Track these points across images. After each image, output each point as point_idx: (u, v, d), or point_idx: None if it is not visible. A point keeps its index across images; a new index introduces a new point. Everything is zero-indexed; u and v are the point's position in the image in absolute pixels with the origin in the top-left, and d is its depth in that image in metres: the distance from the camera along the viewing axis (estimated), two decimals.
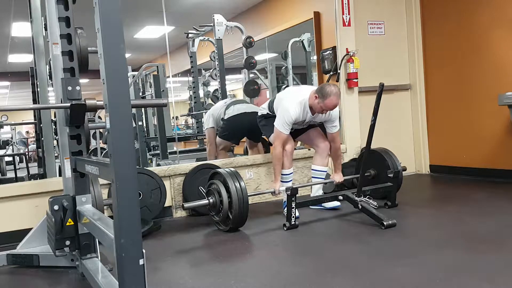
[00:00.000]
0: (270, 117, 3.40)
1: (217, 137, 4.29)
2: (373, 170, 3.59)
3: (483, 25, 4.16)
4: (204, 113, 6.08)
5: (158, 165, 4.94)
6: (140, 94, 6.39)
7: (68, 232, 2.24)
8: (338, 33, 4.39)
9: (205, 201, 3.03)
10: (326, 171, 3.53)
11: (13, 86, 12.35)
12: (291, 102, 3.22)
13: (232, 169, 3.08)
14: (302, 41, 5.74)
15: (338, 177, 3.49)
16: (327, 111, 3.17)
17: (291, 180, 3.40)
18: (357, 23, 4.48)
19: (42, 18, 3.51)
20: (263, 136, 3.98)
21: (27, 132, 12.40)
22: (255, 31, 5.89)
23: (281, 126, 3.21)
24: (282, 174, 3.35)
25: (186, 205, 2.99)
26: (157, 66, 5.93)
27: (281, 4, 5.92)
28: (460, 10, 4.36)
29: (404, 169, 3.55)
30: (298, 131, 3.52)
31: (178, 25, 6.84)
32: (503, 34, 4.00)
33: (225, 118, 4.16)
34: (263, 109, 3.57)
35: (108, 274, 1.99)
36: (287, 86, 6.05)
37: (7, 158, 8.04)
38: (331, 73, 4.47)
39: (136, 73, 6.37)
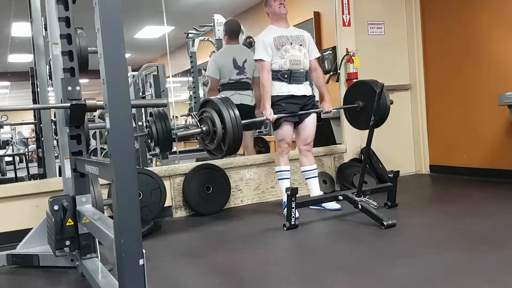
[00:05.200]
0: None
1: None
2: (361, 102, 3.44)
3: (483, 25, 4.16)
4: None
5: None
6: (140, 94, 6.39)
7: (68, 232, 2.24)
8: (338, 33, 4.39)
9: (198, 130, 3.02)
10: (316, 169, 3.50)
11: (13, 86, 12.36)
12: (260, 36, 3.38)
13: (224, 96, 3.07)
14: None
15: (327, 106, 3.45)
16: (284, 10, 3.33)
17: (289, 178, 3.39)
18: (357, 23, 4.48)
19: (42, 18, 3.52)
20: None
21: (32, 130, 12.29)
22: (255, 31, 5.89)
23: (259, 54, 3.26)
24: (279, 171, 3.36)
25: (180, 133, 3.13)
26: (157, 66, 5.93)
27: None
28: (460, 10, 4.36)
29: (391, 102, 3.41)
30: (297, 124, 3.46)
31: (178, 25, 6.85)
32: (503, 34, 4.00)
33: None
34: None
35: (108, 274, 1.99)
36: None
37: (7, 158, 8.05)
38: (331, 73, 4.47)
39: (136, 73, 6.37)
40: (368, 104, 3.39)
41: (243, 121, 2.96)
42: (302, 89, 3.33)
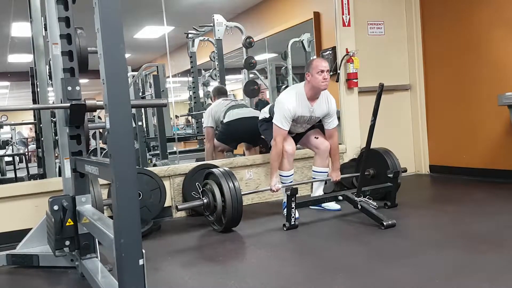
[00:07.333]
0: (271, 121, 3.38)
1: (215, 139, 4.30)
2: (372, 170, 3.59)
3: (483, 25, 4.16)
4: (204, 113, 6.09)
5: (155, 165, 4.93)
6: (140, 94, 6.40)
7: (67, 232, 2.24)
8: (338, 33, 4.39)
9: (199, 202, 3.04)
10: (327, 172, 3.53)
11: (13, 86, 12.34)
12: (286, 96, 3.26)
13: (227, 169, 3.08)
14: (302, 41, 5.74)
15: (335, 175, 3.48)
16: (325, 86, 3.16)
17: (291, 182, 3.39)
18: (357, 23, 4.48)
19: (42, 18, 3.51)
20: (262, 137, 3.98)
21: (31, 129, 12.27)
22: (255, 31, 5.89)
23: (280, 121, 3.20)
24: (282, 176, 3.34)
25: (180, 206, 3.00)
26: (157, 66, 5.94)
27: (281, 4, 5.92)
28: (460, 10, 4.36)
29: (404, 170, 3.54)
30: (298, 136, 3.51)
31: (178, 25, 6.84)
32: (503, 34, 4.00)
33: (224, 122, 4.16)
34: (264, 113, 3.56)
35: (107, 274, 1.99)
36: (287, 86, 6.05)
37: (7, 158, 8.04)
38: (331, 73, 4.46)
39: (136, 73, 6.38)
40: (379, 172, 3.52)
41: (245, 192, 3.08)
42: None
